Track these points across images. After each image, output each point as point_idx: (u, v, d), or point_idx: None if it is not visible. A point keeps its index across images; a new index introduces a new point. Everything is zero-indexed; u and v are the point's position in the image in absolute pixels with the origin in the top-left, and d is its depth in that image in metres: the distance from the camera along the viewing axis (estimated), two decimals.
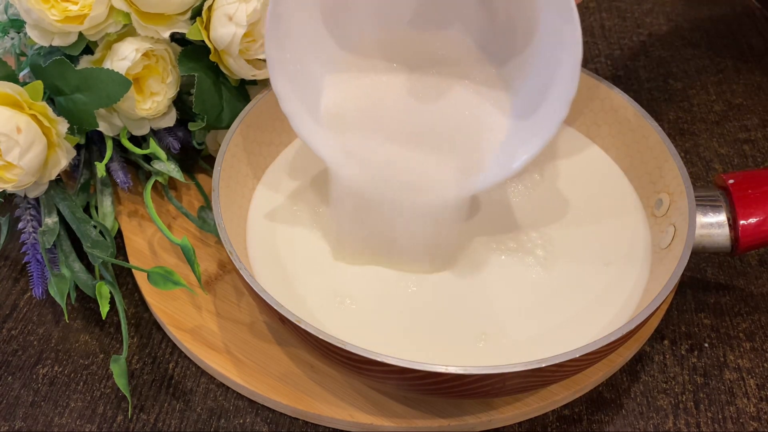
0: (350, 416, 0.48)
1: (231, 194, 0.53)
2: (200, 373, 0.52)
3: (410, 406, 0.49)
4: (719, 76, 0.76)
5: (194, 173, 0.63)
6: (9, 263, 0.59)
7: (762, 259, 0.59)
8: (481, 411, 0.49)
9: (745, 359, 0.53)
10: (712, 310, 0.56)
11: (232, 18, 0.53)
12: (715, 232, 0.51)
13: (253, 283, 0.45)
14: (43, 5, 0.51)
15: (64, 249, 0.56)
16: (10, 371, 0.52)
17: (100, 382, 0.52)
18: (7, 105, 0.51)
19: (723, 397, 0.51)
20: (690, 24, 0.84)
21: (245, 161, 0.56)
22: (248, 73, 0.56)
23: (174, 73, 0.56)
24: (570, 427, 0.50)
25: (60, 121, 0.53)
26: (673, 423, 0.50)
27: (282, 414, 0.50)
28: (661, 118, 0.71)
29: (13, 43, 0.58)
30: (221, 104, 0.57)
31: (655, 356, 0.53)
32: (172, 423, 0.50)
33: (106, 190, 0.59)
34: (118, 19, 0.53)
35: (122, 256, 0.58)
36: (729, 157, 0.67)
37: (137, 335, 0.54)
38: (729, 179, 0.52)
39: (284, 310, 0.44)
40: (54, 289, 0.53)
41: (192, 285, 0.54)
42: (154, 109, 0.56)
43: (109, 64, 0.53)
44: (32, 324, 0.55)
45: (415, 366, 0.41)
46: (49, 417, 0.50)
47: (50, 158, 0.54)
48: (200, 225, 0.58)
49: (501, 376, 0.42)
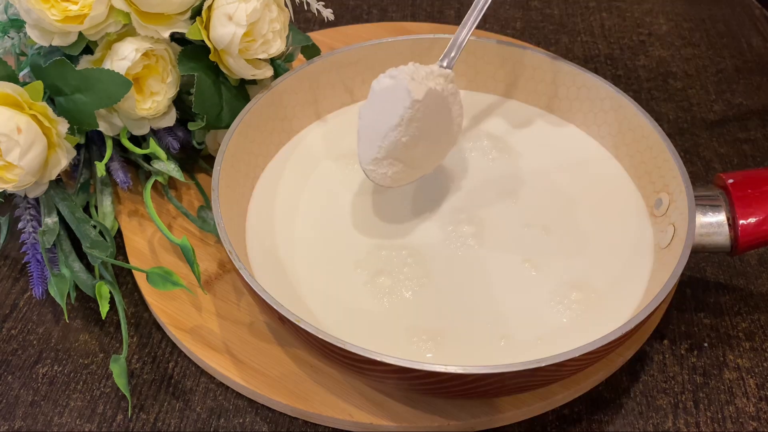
0: (350, 416, 0.48)
1: (231, 194, 0.53)
2: (200, 372, 0.52)
3: (410, 406, 0.49)
4: (719, 76, 0.76)
5: (194, 173, 0.63)
6: (9, 263, 0.59)
7: (762, 259, 0.59)
8: (481, 411, 0.49)
9: (745, 359, 0.53)
10: (712, 310, 0.56)
11: (231, 18, 0.53)
12: (715, 231, 0.51)
13: (253, 282, 0.45)
14: (43, 5, 0.51)
15: (64, 249, 0.56)
16: (10, 371, 0.52)
17: (99, 382, 0.52)
18: (7, 105, 0.51)
19: (722, 397, 0.51)
20: (690, 24, 0.84)
21: (245, 161, 0.56)
22: (248, 72, 0.56)
23: (174, 72, 0.56)
24: (570, 426, 0.50)
25: (60, 121, 0.53)
26: (672, 423, 0.50)
27: (282, 414, 0.50)
28: (661, 118, 0.71)
29: (13, 43, 0.58)
30: (221, 104, 0.57)
31: (655, 356, 0.53)
32: (172, 422, 0.50)
33: (105, 189, 0.59)
34: (118, 19, 0.53)
35: (122, 256, 0.58)
36: (729, 156, 0.67)
37: (137, 335, 0.54)
38: (729, 179, 0.52)
39: (284, 309, 0.44)
40: (54, 288, 0.53)
41: (192, 285, 0.54)
42: (154, 108, 0.56)
43: (109, 64, 0.53)
44: (32, 323, 0.55)
45: (415, 366, 0.41)
46: (49, 416, 0.50)
47: (50, 158, 0.54)
48: (200, 225, 0.58)
49: (501, 375, 0.42)
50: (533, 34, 0.81)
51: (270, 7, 0.55)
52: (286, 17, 0.58)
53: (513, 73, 0.64)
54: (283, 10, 0.57)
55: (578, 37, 0.81)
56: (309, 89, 0.61)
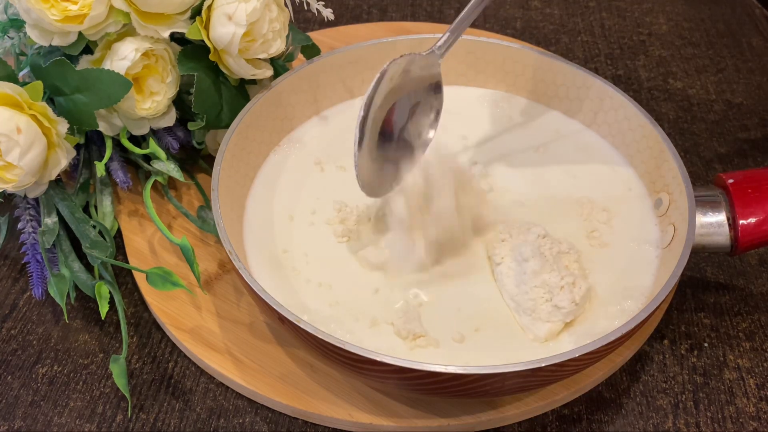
0: (350, 416, 0.48)
1: (230, 194, 0.53)
2: (200, 372, 0.52)
3: (410, 406, 0.49)
4: (719, 76, 0.76)
5: (194, 173, 0.63)
6: (9, 263, 0.59)
7: (762, 259, 0.59)
8: (481, 411, 0.48)
9: (745, 359, 0.53)
10: (712, 310, 0.56)
11: (231, 17, 0.53)
12: (715, 231, 0.51)
13: (253, 282, 0.45)
14: (43, 5, 0.51)
15: (64, 249, 0.56)
16: (10, 371, 0.52)
17: (99, 382, 0.52)
18: (7, 105, 0.51)
19: (723, 397, 0.51)
20: (690, 24, 0.84)
21: (245, 161, 0.56)
22: (248, 72, 0.56)
23: (174, 72, 0.56)
24: (570, 426, 0.50)
25: (60, 121, 0.53)
26: (672, 423, 0.50)
27: (282, 414, 0.50)
28: (661, 118, 0.71)
29: (13, 43, 0.58)
30: (221, 104, 0.57)
31: (655, 356, 0.53)
32: (172, 422, 0.50)
33: (105, 189, 0.59)
34: (118, 19, 0.53)
35: (122, 256, 0.58)
36: (729, 156, 0.67)
37: (137, 335, 0.54)
38: (729, 179, 0.52)
39: (284, 309, 0.44)
40: (53, 289, 0.53)
41: (191, 285, 0.54)
42: (154, 108, 0.56)
43: (108, 64, 0.53)
44: (32, 323, 0.55)
45: (415, 366, 0.41)
46: (49, 416, 0.50)
47: (50, 158, 0.54)
48: (200, 225, 0.58)
49: (500, 375, 0.42)
50: (533, 34, 0.81)
51: (270, 6, 0.55)
52: (286, 17, 0.58)
53: (513, 73, 0.64)
54: (283, 9, 0.57)
55: (578, 37, 0.81)
56: (309, 89, 0.61)
